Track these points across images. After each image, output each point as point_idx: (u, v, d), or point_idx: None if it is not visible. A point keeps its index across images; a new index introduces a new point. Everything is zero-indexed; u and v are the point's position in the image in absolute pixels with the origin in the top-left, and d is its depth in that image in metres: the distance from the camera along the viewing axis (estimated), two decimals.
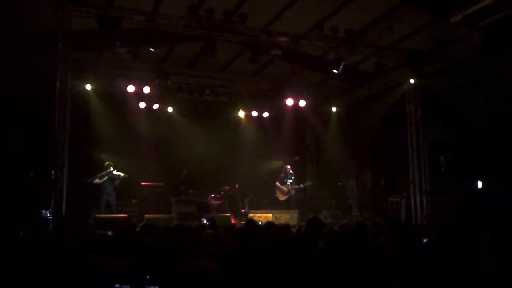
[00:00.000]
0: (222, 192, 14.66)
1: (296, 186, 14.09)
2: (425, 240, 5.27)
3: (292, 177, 14.07)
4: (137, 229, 6.36)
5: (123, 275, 2.44)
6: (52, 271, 2.56)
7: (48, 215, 9.04)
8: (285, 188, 13.95)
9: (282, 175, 14.15)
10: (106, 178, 12.43)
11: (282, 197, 14.00)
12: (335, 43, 11.34)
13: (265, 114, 16.41)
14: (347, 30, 10.87)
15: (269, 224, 5.44)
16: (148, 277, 2.31)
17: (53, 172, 9.42)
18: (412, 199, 12.67)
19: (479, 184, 12.88)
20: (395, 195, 13.35)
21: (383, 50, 11.81)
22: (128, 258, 3.01)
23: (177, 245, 4.20)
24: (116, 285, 2.34)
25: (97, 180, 12.44)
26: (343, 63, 11.51)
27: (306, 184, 14.69)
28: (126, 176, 12.70)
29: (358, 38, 11.17)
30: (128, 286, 2.34)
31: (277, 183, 14.09)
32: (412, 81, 12.83)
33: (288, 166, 14.35)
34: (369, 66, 12.46)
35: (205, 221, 12.02)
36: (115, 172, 12.53)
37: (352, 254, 2.67)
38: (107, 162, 12.69)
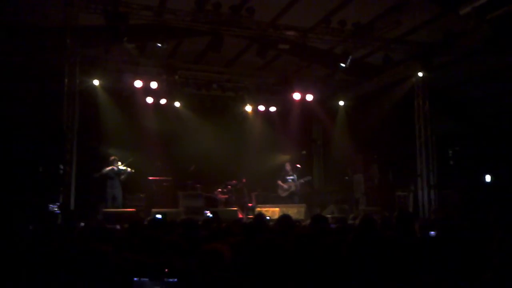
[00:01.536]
0: (229, 187, 14.69)
1: (296, 181, 14.28)
2: (432, 233, 5.28)
3: (293, 174, 14.28)
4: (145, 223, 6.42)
5: (139, 268, 2.44)
6: (64, 266, 2.59)
7: (55, 209, 9.11)
8: (285, 186, 14.25)
9: (283, 173, 14.44)
10: (111, 171, 12.43)
11: (282, 194, 14.31)
12: (342, 36, 11.29)
13: (272, 109, 16.37)
14: (355, 24, 10.81)
15: (284, 217, 5.37)
16: (167, 270, 2.31)
17: (61, 167, 9.49)
18: (419, 193, 12.61)
19: (488, 178, 12.83)
20: (403, 189, 13.31)
21: (391, 43, 11.73)
22: (140, 252, 3.03)
23: (185, 239, 4.23)
24: (135, 279, 2.35)
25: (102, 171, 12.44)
26: (350, 57, 11.45)
27: (305, 179, 14.72)
28: (133, 171, 12.74)
29: (366, 32, 11.10)
30: (146, 279, 2.35)
31: (279, 182, 14.42)
32: (420, 74, 12.74)
33: (287, 164, 14.61)
34: (377, 59, 12.39)
35: (208, 214, 12.11)
36: (121, 167, 12.57)
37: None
38: (113, 157, 12.69)
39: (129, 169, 12.64)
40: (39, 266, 2.75)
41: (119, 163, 12.63)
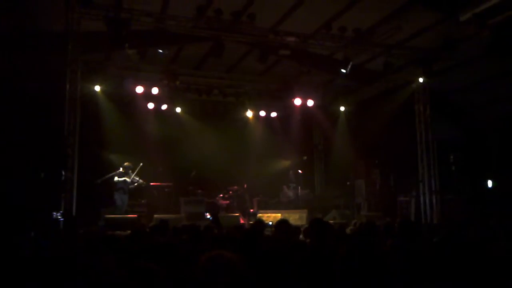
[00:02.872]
0: (230, 192, 14.67)
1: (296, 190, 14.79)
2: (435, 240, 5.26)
3: (296, 183, 14.77)
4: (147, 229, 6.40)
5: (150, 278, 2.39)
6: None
7: (59, 217, 9.10)
8: (287, 193, 14.85)
9: (287, 180, 15.05)
10: (124, 179, 12.42)
11: (284, 200, 14.80)
12: (343, 42, 11.32)
13: (273, 114, 16.40)
14: (355, 30, 10.85)
15: (282, 222, 5.31)
16: None
17: (63, 173, 9.49)
18: (421, 198, 12.59)
19: (489, 183, 12.80)
20: (404, 194, 13.29)
21: (391, 49, 11.76)
22: (145, 259, 3.02)
23: (189, 245, 4.22)
24: None
25: (116, 178, 12.38)
26: (351, 63, 11.47)
27: (305, 191, 15.08)
28: (144, 183, 12.76)
29: (366, 37, 11.13)
30: None
31: (284, 187, 14.94)
32: (421, 79, 12.77)
33: (291, 172, 15.10)
34: (378, 65, 12.41)
35: (208, 216, 12.12)
36: (135, 177, 12.58)
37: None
38: (127, 163, 12.63)
39: (141, 180, 12.65)
40: (42, 273, 2.74)
41: (131, 171, 12.60)
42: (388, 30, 10.80)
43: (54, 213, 9.16)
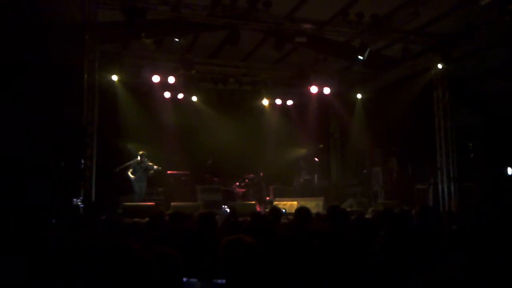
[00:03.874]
0: (246, 180, 14.74)
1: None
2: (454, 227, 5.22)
3: (305, 170, 15.15)
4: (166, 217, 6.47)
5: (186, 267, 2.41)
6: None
7: (79, 203, 9.27)
8: (298, 180, 15.09)
9: (298, 168, 15.35)
10: (141, 170, 12.52)
11: (297, 188, 15.03)
12: (360, 29, 11.17)
13: (289, 102, 16.36)
14: (373, 15, 10.70)
15: (301, 209, 5.32)
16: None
17: (82, 161, 9.64)
18: (439, 186, 12.47)
19: (509, 171, 12.62)
20: (422, 182, 13.18)
21: (410, 34, 11.58)
22: (165, 245, 3.06)
23: (207, 231, 4.26)
24: (184, 279, 2.32)
25: (130, 174, 12.47)
26: (368, 49, 11.35)
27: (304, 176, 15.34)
28: (160, 169, 12.87)
29: (384, 23, 10.98)
30: (195, 280, 2.31)
31: (295, 175, 15.25)
32: (439, 66, 12.57)
33: (301, 161, 15.44)
34: (395, 51, 12.25)
35: (226, 209, 12.18)
36: (150, 164, 12.68)
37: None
38: (141, 152, 12.68)
39: (156, 166, 12.76)
40: (68, 262, 2.79)
41: (147, 159, 12.71)
42: (406, 16, 10.63)
43: (75, 199, 9.33)
